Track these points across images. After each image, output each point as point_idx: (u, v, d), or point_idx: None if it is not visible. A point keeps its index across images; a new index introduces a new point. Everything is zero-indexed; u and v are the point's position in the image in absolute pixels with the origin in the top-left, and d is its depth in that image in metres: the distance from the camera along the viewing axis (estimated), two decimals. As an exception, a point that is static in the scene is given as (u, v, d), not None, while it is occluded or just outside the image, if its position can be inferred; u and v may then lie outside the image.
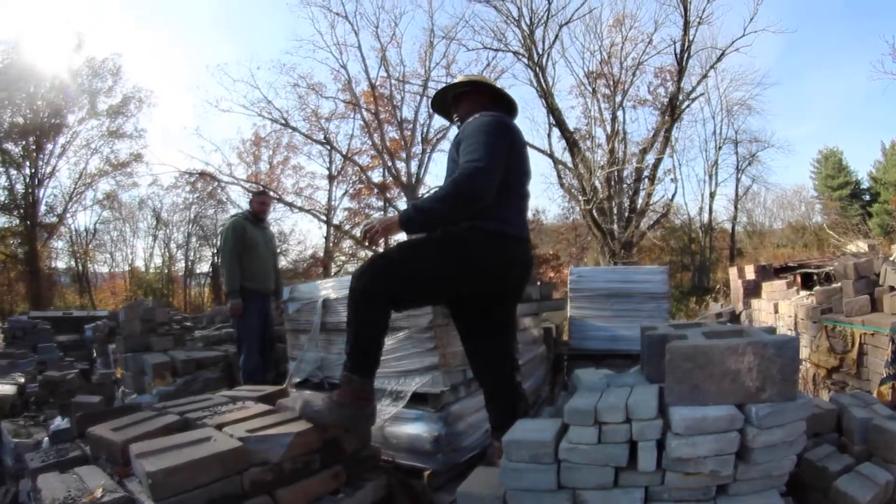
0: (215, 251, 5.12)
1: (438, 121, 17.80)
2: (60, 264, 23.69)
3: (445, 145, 18.61)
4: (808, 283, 7.99)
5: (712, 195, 23.51)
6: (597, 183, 15.66)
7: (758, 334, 1.70)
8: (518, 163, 2.18)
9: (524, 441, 1.66)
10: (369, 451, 2.29)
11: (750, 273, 9.50)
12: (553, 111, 16.32)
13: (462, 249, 2.03)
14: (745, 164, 23.69)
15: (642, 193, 16.76)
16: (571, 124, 17.55)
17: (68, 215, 22.30)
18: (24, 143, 20.33)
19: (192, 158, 28.87)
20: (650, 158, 16.83)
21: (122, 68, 21.97)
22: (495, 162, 2.00)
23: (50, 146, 20.88)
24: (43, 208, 21.25)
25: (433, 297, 2.26)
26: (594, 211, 15.49)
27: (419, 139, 19.58)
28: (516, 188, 2.18)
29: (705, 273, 22.34)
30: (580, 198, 15.78)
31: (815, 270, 7.96)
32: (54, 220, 21.76)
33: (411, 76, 18.85)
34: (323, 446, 1.97)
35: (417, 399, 2.55)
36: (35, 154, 20.51)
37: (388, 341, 2.59)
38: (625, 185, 17.39)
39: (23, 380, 8.00)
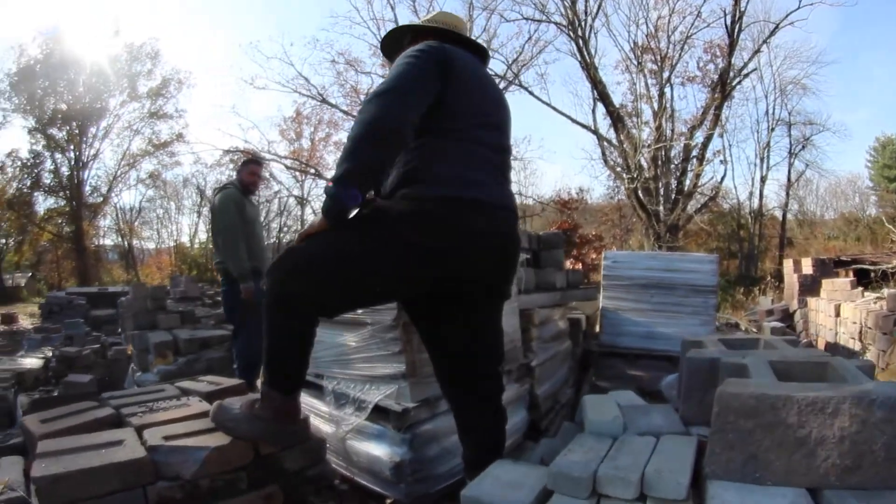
0: (211, 226, 4.81)
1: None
2: (108, 241, 24.71)
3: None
4: (862, 280, 7.13)
5: (763, 179, 22.09)
6: (642, 161, 14.90)
7: (855, 376, 1.14)
8: (468, 99, 1.60)
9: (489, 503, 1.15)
10: (318, 470, 1.87)
11: (807, 267, 8.56)
12: (597, 84, 15.54)
13: (395, 229, 1.49)
14: (799, 148, 22.06)
15: (690, 174, 15.86)
16: (617, 101, 16.75)
17: (113, 195, 23.35)
18: (67, 128, 21.28)
19: (231, 136, 29.65)
20: (699, 137, 15.95)
21: (160, 52, 22.85)
22: (406, 83, 1.47)
23: (93, 129, 21.84)
24: (88, 189, 22.28)
25: (372, 298, 1.71)
26: (639, 191, 14.72)
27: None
28: (471, 133, 1.59)
29: (753, 262, 21.11)
30: (624, 176, 15.03)
31: (872, 267, 7.11)
32: (99, 199, 22.69)
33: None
34: (254, 462, 1.65)
35: (383, 412, 2.06)
36: (79, 138, 21.42)
37: (353, 338, 2.15)
38: (672, 165, 16.49)
39: (50, 353, 8.12)
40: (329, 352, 2.31)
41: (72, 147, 21.37)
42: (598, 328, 5.26)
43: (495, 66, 16.26)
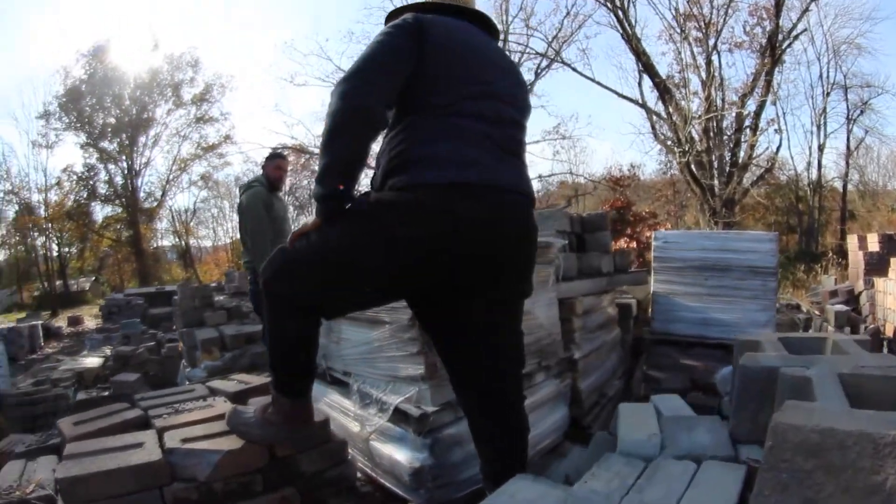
0: (239, 226, 4.72)
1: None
2: (166, 243, 25.86)
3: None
4: (929, 257, 6.43)
5: (821, 148, 20.32)
6: (693, 133, 14.22)
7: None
8: (458, 69, 1.43)
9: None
10: (338, 471, 1.82)
11: (873, 243, 7.81)
12: (640, 56, 14.89)
13: (380, 222, 1.36)
14: (857, 113, 20.02)
15: (744, 145, 15.00)
16: (663, 72, 15.95)
17: (167, 198, 24.34)
18: (118, 139, 22.38)
19: (277, 134, 30.38)
20: (751, 105, 15.03)
21: (199, 59, 23.73)
22: (370, 63, 1.37)
23: (142, 139, 22.86)
24: (142, 195, 23.33)
25: (363, 295, 1.52)
26: (692, 164, 14.05)
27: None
28: (461, 106, 1.40)
29: (813, 237, 19.76)
30: (676, 149, 14.37)
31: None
32: (154, 204, 23.76)
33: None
34: (269, 465, 1.67)
35: (404, 414, 1.94)
36: (129, 148, 22.47)
37: (376, 335, 2.05)
38: (725, 137, 15.58)
39: (109, 352, 8.51)
40: (355, 350, 2.22)
41: (124, 157, 22.47)
42: (649, 313, 4.95)
43: (535, 44, 15.83)
